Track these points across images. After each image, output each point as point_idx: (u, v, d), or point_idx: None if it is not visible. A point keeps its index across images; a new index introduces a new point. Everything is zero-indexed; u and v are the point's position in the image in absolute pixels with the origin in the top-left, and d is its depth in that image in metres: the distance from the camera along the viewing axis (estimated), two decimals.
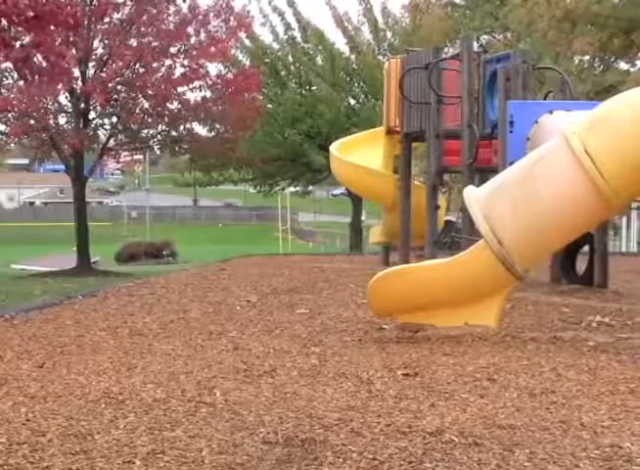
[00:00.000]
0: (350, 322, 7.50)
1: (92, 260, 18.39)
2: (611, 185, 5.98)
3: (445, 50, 16.46)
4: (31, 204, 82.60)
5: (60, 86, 15.19)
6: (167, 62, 15.95)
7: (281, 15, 26.33)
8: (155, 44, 15.58)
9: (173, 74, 15.88)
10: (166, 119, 16.45)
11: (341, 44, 26.86)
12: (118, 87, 15.77)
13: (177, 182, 32.96)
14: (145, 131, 17.15)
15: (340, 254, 21.85)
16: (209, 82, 16.37)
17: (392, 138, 12.77)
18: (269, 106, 24.59)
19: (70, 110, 16.14)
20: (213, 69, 17.41)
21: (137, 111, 15.90)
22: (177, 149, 18.29)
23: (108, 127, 16.94)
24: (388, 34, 26.90)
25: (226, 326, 7.36)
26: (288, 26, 26.39)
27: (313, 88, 26.31)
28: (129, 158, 21.68)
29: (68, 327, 7.40)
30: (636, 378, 5.26)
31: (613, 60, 23.42)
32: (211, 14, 16.08)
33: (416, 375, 5.38)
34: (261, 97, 23.70)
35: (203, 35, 16.02)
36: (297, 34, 26.51)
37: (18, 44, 14.41)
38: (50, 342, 6.65)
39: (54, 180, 73.90)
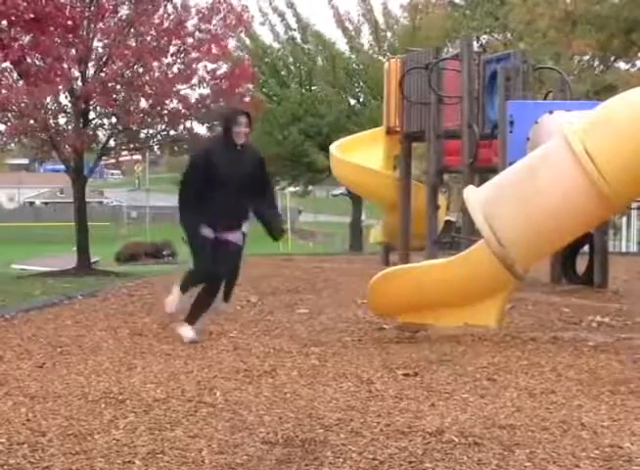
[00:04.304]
0: (350, 322, 7.51)
1: (92, 260, 18.34)
2: (611, 185, 5.98)
3: (445, 50, 16.49)
4: (31, 204, 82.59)
5: (60, 87, 15.17)
6: (166, 60, 15.92)
7: (281, 15, 26.35)
8: (154, 44, 15.54)
9: (172, 73, 15.83)
10: (166, 119, 16.40)
11: (341, 44, 26.90)
12: (118, 87, 15.73)
13: (175, 181, 32.92)
14: (144, 131, 17.10)
15: (340, 254, 21.86)
16: (207, 78, 16.33)
17: (392, 138, 12.77)
18: (269, 105, 24.59)
19: (70, 110, 16.09)
20: (210, 65, 17.39)
21: (136, 110, 15.84)
22: (177, 149, 18.25)
23: (107, 127, 16.89)
24: (389, 34, 26.92)
25: (226, 326, 7.36)
26: (288, 27, 26.40)
27: (314, 88, 26.32)
28: (129, 157, 21.61)
29: (68, 327, 7.40)
30: (636, 378, 5.26)
31: (612, 60, 23.42)
32: (206, 10, 16.02)
33: (416, 375, 5.39)
34: (261, 96, 23.72)
35: (202, 34, 15.97)
36: (297, 35, 26.53)
37: (16, 45, 14.40)
38: (50, 342, 6.65)
39: (54, 180, 73.88)
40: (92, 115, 16.30)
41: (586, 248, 10.37)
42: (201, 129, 18.34)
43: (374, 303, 6.95)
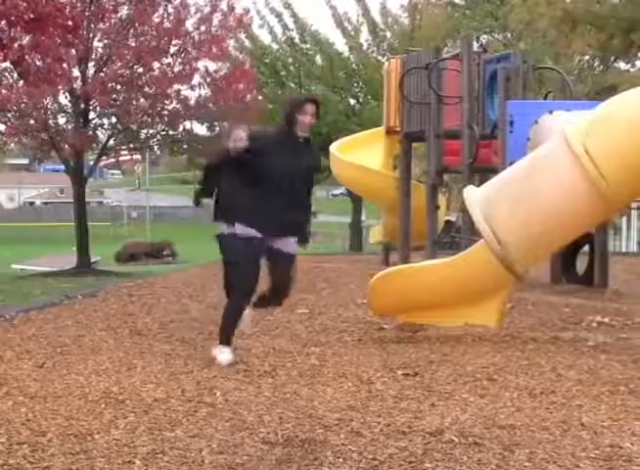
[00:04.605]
0: (350, 322, 7.51)
1: (92, 261, 18.35)
2: (610, 185, 5.97)
3: (445, 50, 16.50)
4: (31, 204, 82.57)
5: (60, 87, 15.17)
6: (167, 60, 15.93)
7: (279, 16, 26.35)
8: (154, 44, 15.54)
9: (173, 72, 15.83)
10: (166, 119, 16.42)
11: (340, 44, 26.91)
12: (118, 87, 15.74)
13: (176, 180, 32.99)
14: (144, 131, 17.11)
15: (340, 254, 21.84)
16: (207, 80, 16.37)
17: (392, 138, 12.77)
18: (270, 106, 24.59)
19: (70, 110, 16.10)
20: (211, 65, 17.46)
21: (135, 110, 15.84)
22: (176, 149, 18.28)
23: (107, 127, 16.90)
24: (388, 34, 26.92)
25: None
26: (285, 27, 26.41)
27: (313, 89, 26.31)
28: (129, 157, 21.60)
29: (68, 327, 7.40)
30: (636, 378, 5.26)
31: (612, 60, 23.43)
32: (207, 9, 16.05)
33: (416, 375, 5.39)
34: (261, 97, 23.71)
35: (202, 35, 15.99)
36: (296, 35, 26.54)
37: (16, 45, 14.40)
38: (50, 342, 6.65)
39: (54, 180, 73.88)
40: (92, 115, 16.31)
41: (586, 248, 10.37)
42: (200, 130, 18.36)
43: (374, 303, 6.95)
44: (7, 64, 15.17)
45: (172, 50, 15.92)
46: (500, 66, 10.02)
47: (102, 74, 15.49)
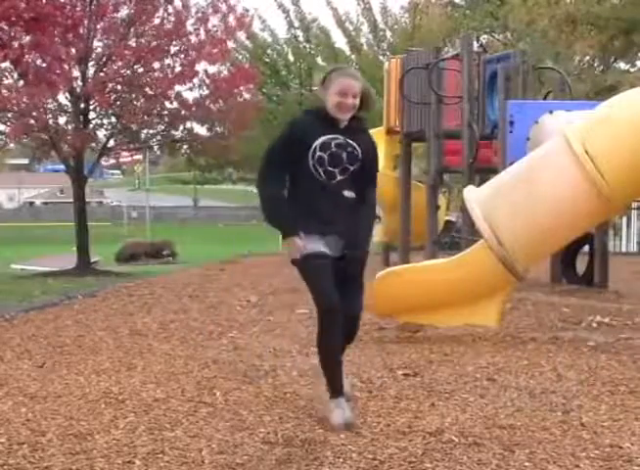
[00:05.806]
0: None
1: (92, 260, 18.36)
2: (610, 186, 5.97)
3: (445, 50, 16.51)
4: (31, 204, 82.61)
5: (61, 87, 15.18)
6: (167, 61, 15.93)
7: (286, 12, 26.38)
8: (154, 44, 15.55)
9: (173, 73, 15.84)
10: (166, 119, 16.43)
11: (341, 44, 26.94)
12: (118, 87, 15.75)
13: (175, 180, 33.06)
14: (144, 131, 17.13)
15: None
16: (207, 81, 16.39)
17: (392, 138, 12.77)
18: (269, 106, 24.60)
19: (70, 110, 16.11)
20: (211, 68, 17.51)
21: (135, 111, 15.84)
22: (176, 149, 18.29)
23: (107, 127, 16.90)
24: (388, 34, 26.94)
25: (226, 326, 7.36)
26: (290, 25, 26.43)
27: (314, 88, 26.37)
28: (129, 158, 21.64)
29: (68, 327, 7.40)
30: (636, 378, 5.26)
31: (612, 60, 23.42)
32: (210, 10, 16.06)
33: (416, 375, 5.38)
34: (261, 96, 23.73)
35: (202, 35, 16.00)
36: (300, 34, 26.57)
37: (16, 44, 14.41)
38: (50, 342, 6.65)
39: (54, 180, 73.91)
40: (92, 115, 16.32)
41: (586, 248, 10.37)
42: (201, 130, 18.36)
43: (374, 303, 6.95)
44: (7, 64, 15.17)
45: (173, 50, 15.93)
46: (500, 66, 10.02)
47: (102, 74, 15.49)
